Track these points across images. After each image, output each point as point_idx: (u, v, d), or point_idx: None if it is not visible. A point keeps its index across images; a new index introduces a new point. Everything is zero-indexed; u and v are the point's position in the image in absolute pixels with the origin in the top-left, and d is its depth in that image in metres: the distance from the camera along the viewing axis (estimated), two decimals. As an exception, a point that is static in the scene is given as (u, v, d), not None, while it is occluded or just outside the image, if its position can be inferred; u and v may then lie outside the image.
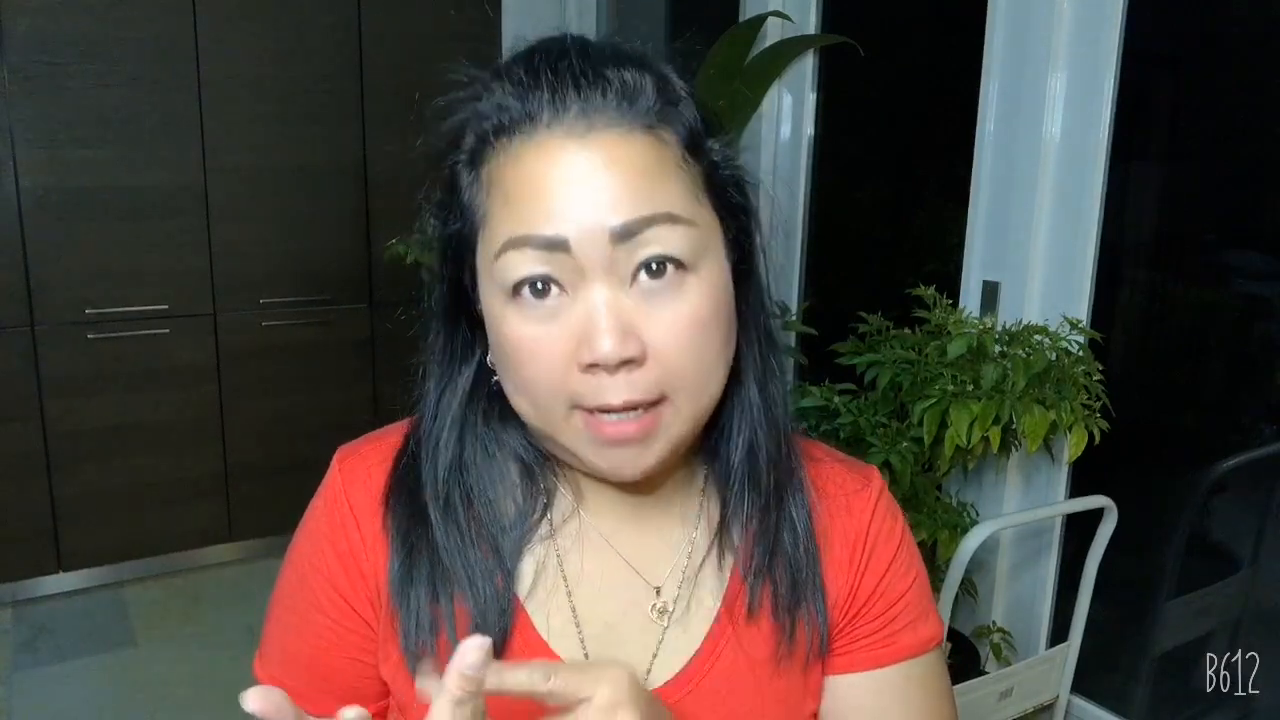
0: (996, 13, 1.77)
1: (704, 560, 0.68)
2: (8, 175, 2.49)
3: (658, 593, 0.68)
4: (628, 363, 0.55)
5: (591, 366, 0.55)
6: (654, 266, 0.56)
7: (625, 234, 0.55)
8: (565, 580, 0.67)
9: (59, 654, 2.47)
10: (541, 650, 0.65)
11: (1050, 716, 1.74)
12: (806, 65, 2.35)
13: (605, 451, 0.58)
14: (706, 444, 0.69)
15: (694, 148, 0.59)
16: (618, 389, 0.56)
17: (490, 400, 0.66)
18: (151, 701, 2.28)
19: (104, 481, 2.72)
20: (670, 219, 0.56)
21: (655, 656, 0.67)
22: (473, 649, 0.43)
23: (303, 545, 0.69)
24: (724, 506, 0.68)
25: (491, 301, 0.59)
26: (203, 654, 2.48)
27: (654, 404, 0.57)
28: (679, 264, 0.56)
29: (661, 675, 0.67)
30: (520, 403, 0.60)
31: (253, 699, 0.43)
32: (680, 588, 0.68)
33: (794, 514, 0.68)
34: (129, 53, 2.56)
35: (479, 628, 0.63)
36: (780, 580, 0.67)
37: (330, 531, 0.67)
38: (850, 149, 2.43)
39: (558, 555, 0.68)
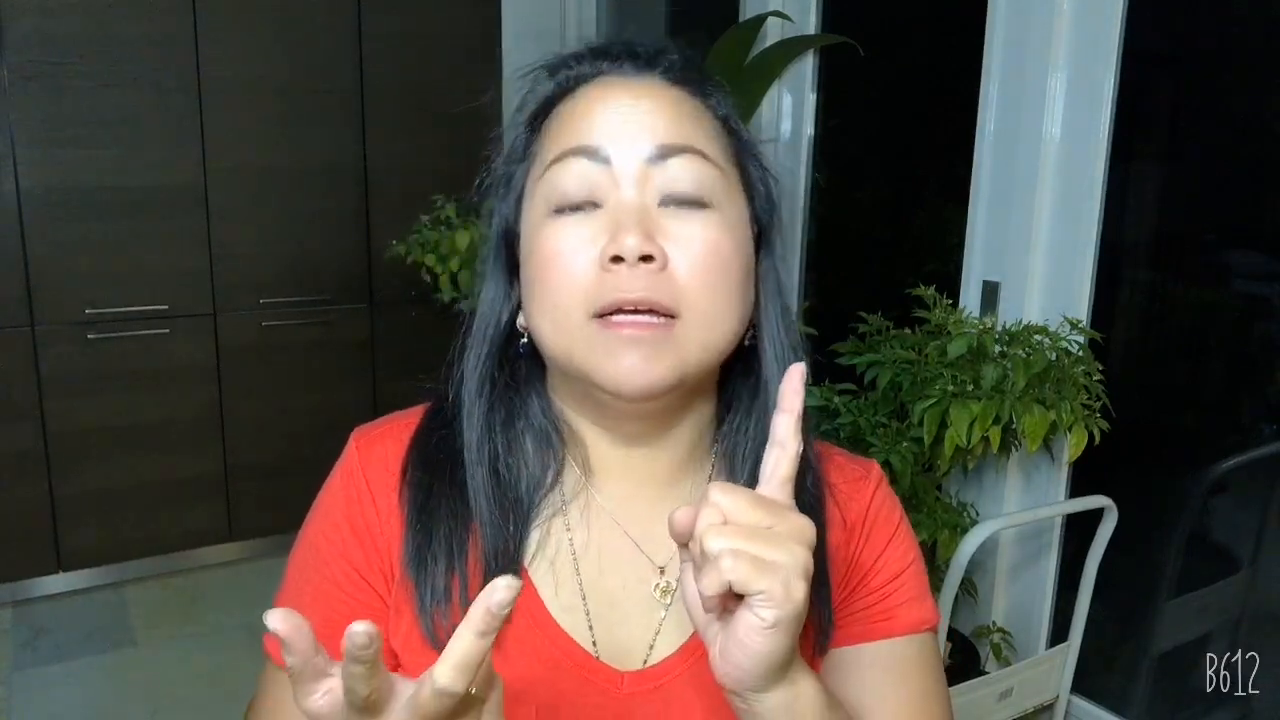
0: (996, 13, 1.77)
1: None
2: (8, 175, 2.49)
3: (661, 572, 0.69)
4: (648, 260, 0.59)
5: (615, 260, 0.59)
6: (683, 199, 0.62)
7: (660, 155, 0.61)
8: (574, 554, 0.68)
9: (59, 654, 2.46)
10: (545, 620, 0.67)
11: (1050, 716, 1.74)
12: (806, 65, 2.35)
13: (617, 354, 0.59)
14: (719, 429, 0.71)
15: (729, 126, 0.67)
16: (636, 281, 0.59)
17: (515, 365, 0.69)
18: (151, 701, 2.28)
19: (104, 481, 2.72)
20: (702, 155, 0.62)
21: (658, 633, 0.68)
22: (503, 588, 0.44)
23: (318, 521, 0.70)
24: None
25: (532, 217, 0.64)
26: (203, 654, 2.48)
27: (668, 317, 0.60)
28: (705, 202, 0.62)
29: (662, 651, 0.68)
30: (542, 323, 0.63)
31: (274, 618, 0.44)
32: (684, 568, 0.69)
33: (809, 502, 0.69)
34: (129, 53, 2.56)
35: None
36: None
37: (346, 506, 0.68)
38: (850, 149, 2.43)
39: (567, 528, 0.69)
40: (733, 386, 0.71)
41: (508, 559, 0.66)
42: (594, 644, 0.67)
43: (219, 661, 2.42)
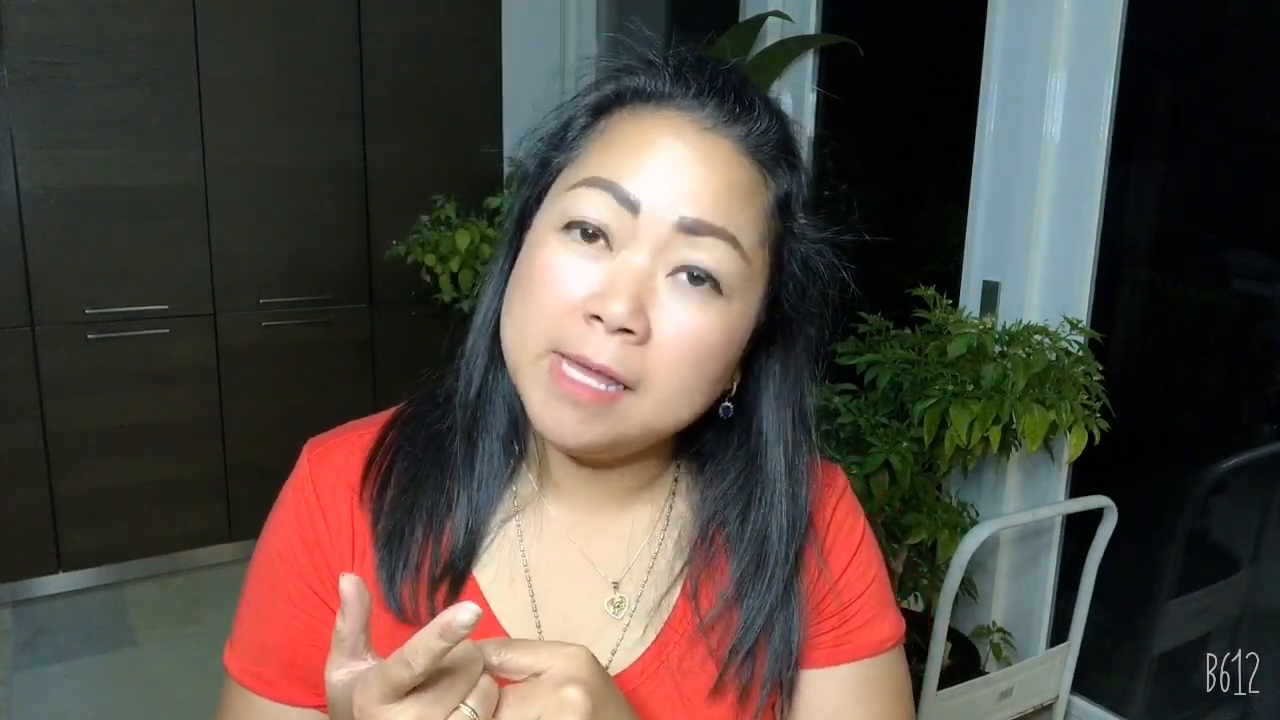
0: (996, 13, 1.77)
1: (667, 566, 0.70)
2: (8, 175, 2.49)
3: (615, 587, 0.69)
4: (626, 333, 0.57)
5: (594, 319, 0.57)
6: (697, 275, 0.58)
7: (691, 229, 0.58)
8: (525, 565, 0.68)
9: (59, 654, 2.46)
10: (495, 630, 0.67)
11: (1050, 716, 1.74)
12: (806, 65, 2.35)
13: (553, 404, 0.58)
14: (682, 446, 0.70)
15: (785, 206, 0.63)
16: (603, 350, 0.57)
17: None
18: (151, 701, 2.28)
19: (104, 481, 2.72)
20: (734, 241, 0.58)
21: (615, 649, 0.68)
22: (469, 610, 0.44)
23: (270, 535, 0.69)
24: (739, 579, 0.68)
25: (543, 223, 0.61)
26: (203, 654, 2.47)
27: (622, 387, 0.58)
28: (718, 286, 0.59)
29: (620, 664, 0.68)
30: (510, 332, 0.61)
31: (348, 581, 0.47)
32: (643, 588, 0.69)
33: (793, 588, 0.68)
34: (129, 53, 2.56)
35: (447, 562, 0.66)
36: (759, 656, 0.67)
37: (297, 521, 0.67)
38: (850, 149, 2.43)
39: (520, 537, 0.69)
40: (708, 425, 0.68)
41: (475, 531, 0.66)
42: None
43: (219, 661, 2.41)
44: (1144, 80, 1.67)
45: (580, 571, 0.69)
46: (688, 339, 0.58)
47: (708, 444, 0.70)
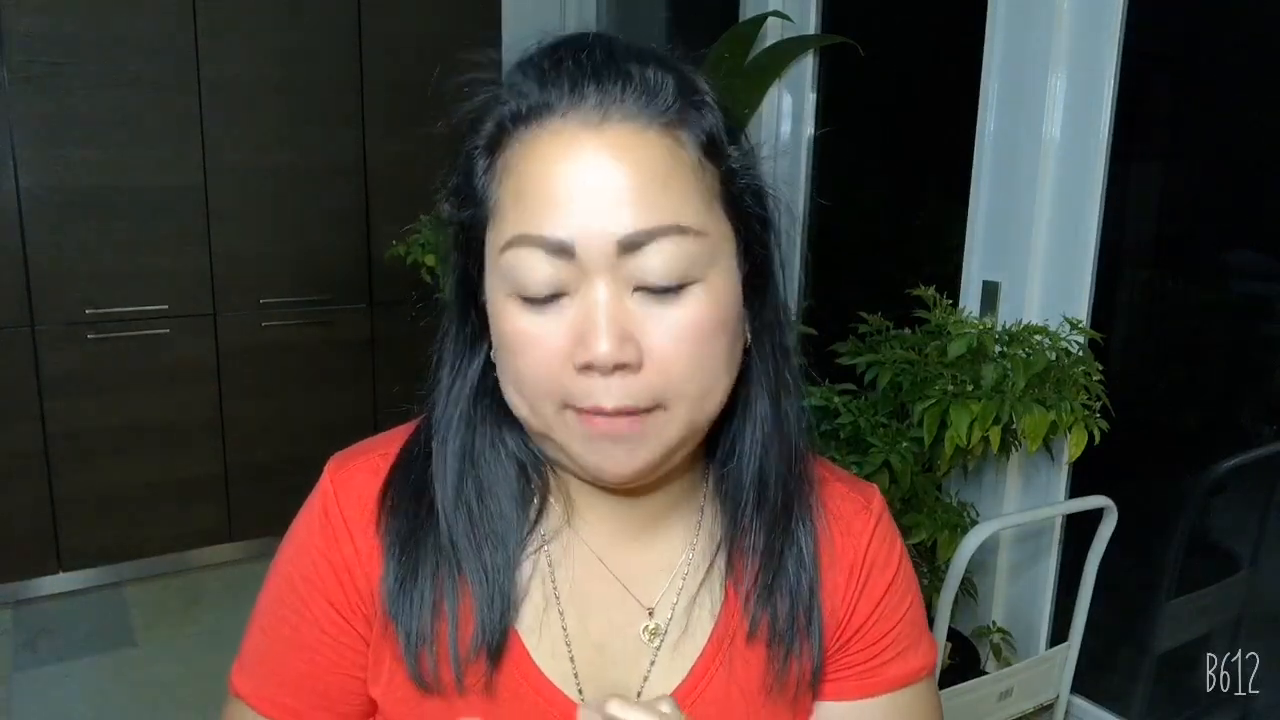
0: (996, 13, 1.77)
1: (701, 583, 0.67)
2: (8, 175, 2.49)
3: (650, 614, 0.67)
4: (622, 367, 0.54)
5: (586, 368, 0.55)
6: (659, 287, 0.55)
7: (631, 245, 0.54)
8: (557, 598, 0.65)
9: (59, 654, 2.46)
10: (529, 669, 0.64)
11: (1050, 716, 1.74)
12: (806, 65, 2.35)
13: (595, 446, 0.57)
14: (709, 460, 0.68)
15: (712, 152, 0.58)
16: (610, 393, 0.55)
17: (495, 395, 0.64)
18: (151, 701, 2.28)
19: (104, 481, 2.72)
20: (679, 230, 0.55)
21: (646, 679, 0.66)
22: (668, 700, 0.46)
23: (293, 557, 0.66)
24: (730, 526, 0.66)
25: (495, 293, 0.58)
26: (203, 654, 2.48)
27: (648, 410, 0.56)
28: (684, 281, 0.56)
29: (654, 692, 0.66)
30: (514, 398, 0.59)
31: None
32: (674, 609, 0.67)
33: (801, 540, 0.66)
34: (129, 53, 2.56)
35: (483, 628, 0.62)
36: (780, 610, 0.65)
37: (324, 544, 0.64)
38: (850, 149, 2.43)
39: (550, 569, 0.66)
40: (731, 401, 0.65)
41: (501, 604, 0.62)
42: (579, 691, 0.65)
43: (219, 661, 2.40)
44: (1144, 80, 1.67)
45: (614, 598, 0.66)
46: (683, 341, 0.56)
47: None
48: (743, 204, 0.60)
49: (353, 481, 0.65)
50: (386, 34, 2.88)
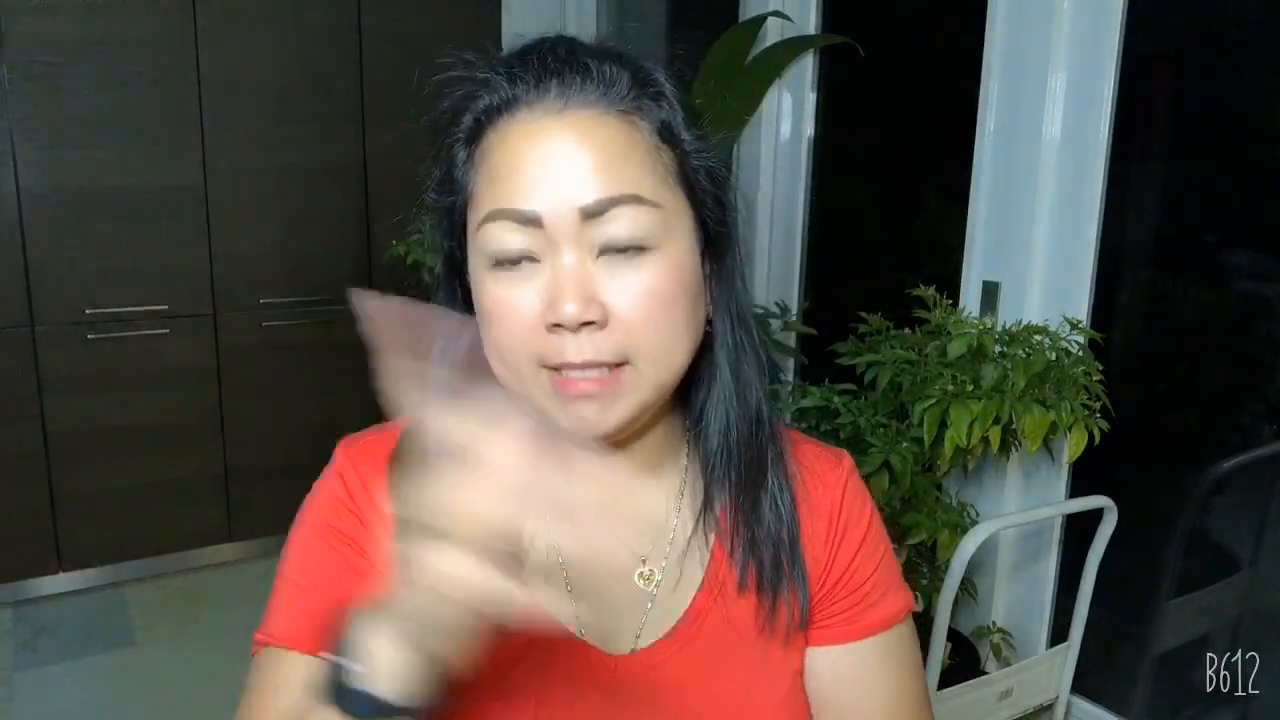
0: (996, 13, 1.77)
1: (690, 538, 0.72)
2: (8, 175, 2.49)
3: (644, 562, 0.72)
4: (589, 324, 0.60)
5: (555, 326, 0.61)
6: (619, 247, 0.61)
7: (593, 212, 0.61)
8: (558, 548, 0.68)
9: (59, 654, 2.46)
10: (538, 612, 0.67)
11: (1050, 716, 1.74)
12: (806, 65, 2.35)
13: (569, 406, 0.62)
14: (689, 421, 0.73)
15: (668, 136, 0.65)
16: (579, 348, 0.61)
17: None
18: (151, 701, 2.28)
19: (104, 481, 2.72)
20: (636, 200, 0.61)
21: (645, 620, 0.70)
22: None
23: (311, 518, 0.70)
24: (706, 486, 0.72)
25: (476, 270, 0.65)
26: (203, 654, 2.48)
27: (616, 366, 0.62)
28: (642, 245, 0.62)
29: (650, 636, 0.70)
30: (497, 365, 0.65)
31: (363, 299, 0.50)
32: (666, 560, 0.72)
33: (776, 494, 0.72)
34: (129, 53, 2.56)
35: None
36: (765, 560, 0.71)
37: (333, 514, 0.69)
38: (850, 149, 2.43)
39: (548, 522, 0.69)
40: (699, 370, 0.71)
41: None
42: (580, 629, 0.69)
43: (219, 661, 2.41)
44: (1144, 80, 1.67)
45: (608, 549, 0.69)
46: (642, 300, 0.62)
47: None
48: (698, 183, 0.66)
49: (365, 451, 0.70)
50: (386, 34, 2.88)
